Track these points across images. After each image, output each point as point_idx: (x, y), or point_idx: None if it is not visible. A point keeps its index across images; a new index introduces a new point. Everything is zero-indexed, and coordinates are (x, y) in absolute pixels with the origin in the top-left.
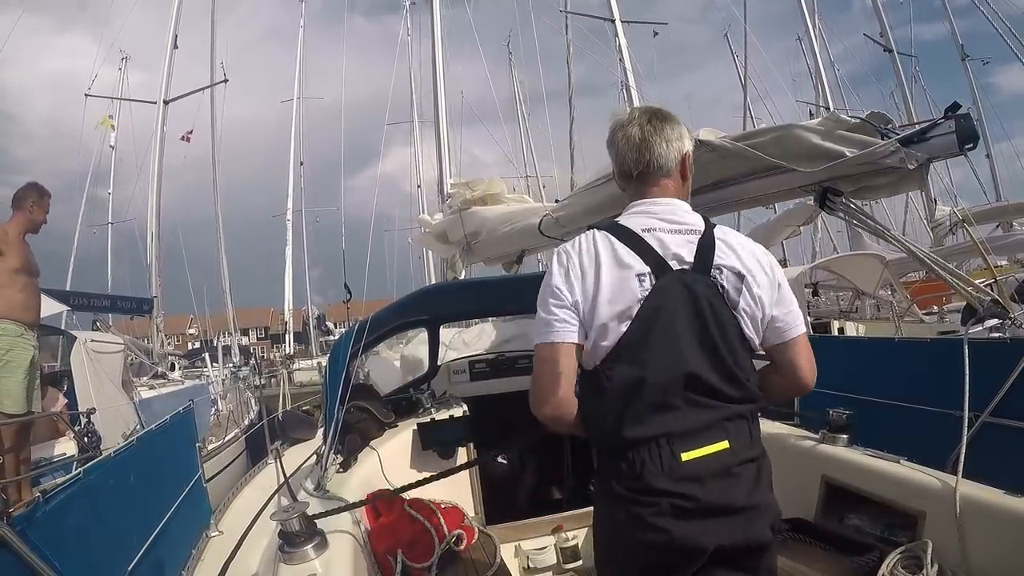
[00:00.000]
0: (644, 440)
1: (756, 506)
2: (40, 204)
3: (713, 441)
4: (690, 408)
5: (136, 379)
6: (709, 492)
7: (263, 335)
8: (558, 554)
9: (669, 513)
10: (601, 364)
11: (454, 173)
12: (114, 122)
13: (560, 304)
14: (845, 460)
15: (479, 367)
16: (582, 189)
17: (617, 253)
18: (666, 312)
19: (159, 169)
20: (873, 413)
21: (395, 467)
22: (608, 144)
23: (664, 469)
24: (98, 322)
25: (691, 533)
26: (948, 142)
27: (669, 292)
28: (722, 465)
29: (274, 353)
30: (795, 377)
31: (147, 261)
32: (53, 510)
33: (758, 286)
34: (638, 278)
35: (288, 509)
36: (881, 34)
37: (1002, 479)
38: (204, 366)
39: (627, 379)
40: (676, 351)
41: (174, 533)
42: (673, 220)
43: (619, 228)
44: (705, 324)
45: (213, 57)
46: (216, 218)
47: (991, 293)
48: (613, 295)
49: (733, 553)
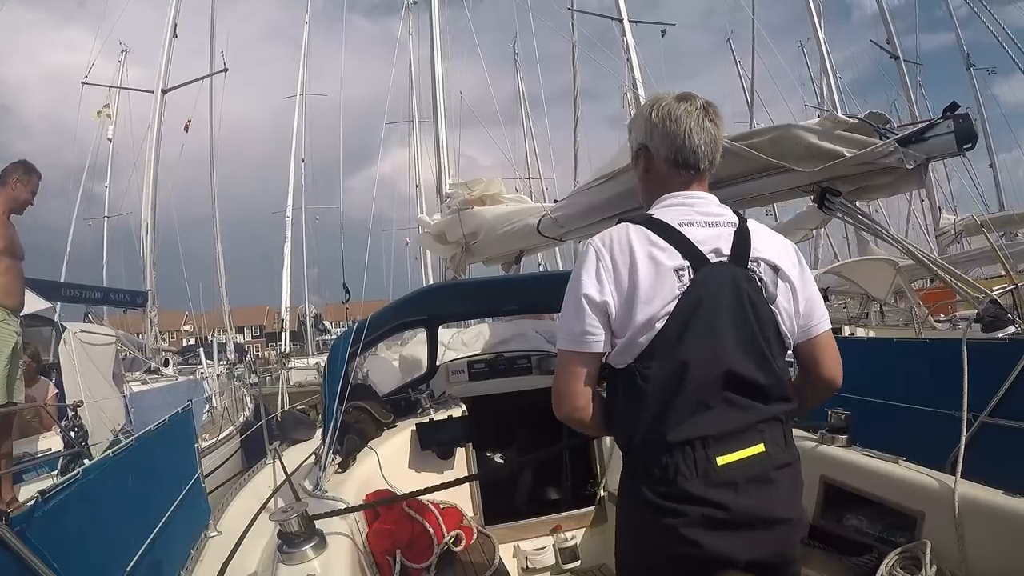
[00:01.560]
0: (680, 443)
1: (791, 520)
2: (25, 181)
3: (749, 445)
4: (727, 408)
5: (129, 374)
6: (744, 499)
7: (258, 333)
8: (557, 554)
9: (701, 524)
10: (635, 362)
11: (452, 174)
12: (110, 111)
13: (589, 309)
14: (844, 460)
15: (478, 367)
16: (581, 189)
17: (653, 247)
18: (705, 307)
19: (155, 159)
20: (872, 413)
21: (394, 467)
22: (655, 125)
23: (699, 473)
24: (90, 315)
25: (722, 546)
26: (946, 142)
27: (708, 285)
28: (758, 470)
29: (268, 351)
30: (823, 376)
31: (142, 254)
32: (52, 510)
33: (792, 278)
34: (676, 273)
35: (287, 509)
36: (888, 41)
37: (1001, 480)
38: (198, 363)
39: (664, 377)
40: (716, 347)
41: (173, 533)
42: (709, 213)
43: (654, 221)
44: (746, 319)
45: (213, 45)
46: (213, 209)
47: (990, 294)
48: (650, 291)
49: (762, 568)
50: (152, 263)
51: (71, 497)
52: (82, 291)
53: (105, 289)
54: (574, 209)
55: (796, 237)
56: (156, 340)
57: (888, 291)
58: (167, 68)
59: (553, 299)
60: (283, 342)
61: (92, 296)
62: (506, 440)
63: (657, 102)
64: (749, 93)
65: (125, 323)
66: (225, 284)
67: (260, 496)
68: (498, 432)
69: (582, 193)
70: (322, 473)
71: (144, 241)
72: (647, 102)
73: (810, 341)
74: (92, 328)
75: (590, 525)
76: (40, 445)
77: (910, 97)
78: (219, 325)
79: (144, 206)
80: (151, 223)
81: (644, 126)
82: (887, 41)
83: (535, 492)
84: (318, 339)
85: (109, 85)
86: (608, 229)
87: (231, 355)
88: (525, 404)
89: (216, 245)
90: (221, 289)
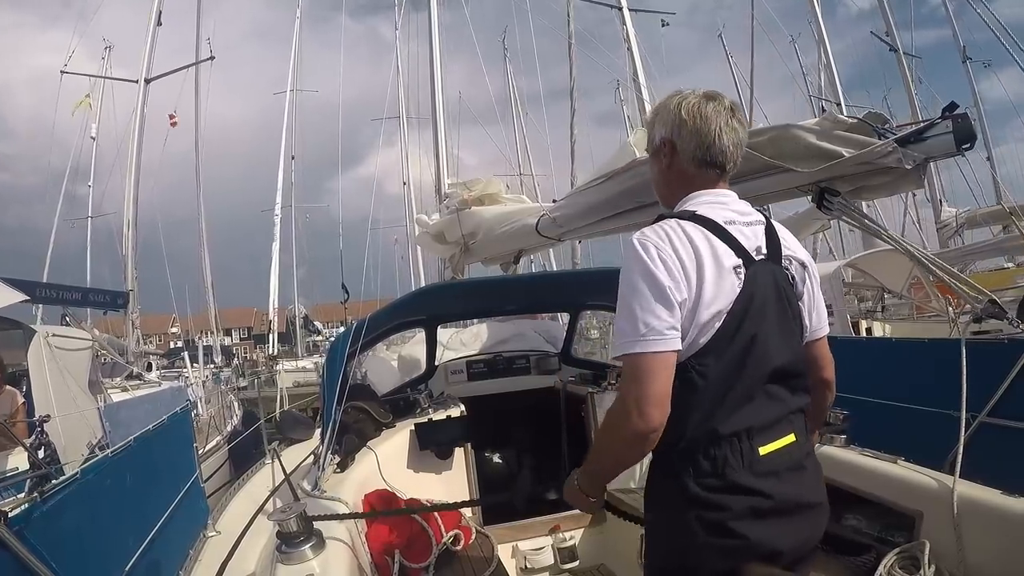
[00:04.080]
0: (730, 435)
1: (821, 504)
2: None
3: (784, 435)
4: (767, 400)
5: (109, 380)
6: (784, 487)
7: (246, 335)
8: (555, 554)
9: (747, 516)
10: (692, 358)
11: (450, 174)
12: (91, 101)
13: (668, 305)
14: (843, 460)
15: (476, 367)
16: (580, 189)
17: (714, 247)
18: (756, 304)
19: (138, 151)
20: (871, 413)
21: (392, 467)
22: (684, 122)
23: (745, 464)
24: (68, 317)
25: (766, 536)
26: (945, 142)
27: (758, 283)
28: (793, 459)
29: (257, 353)
30: (819, 375)
31: (123, 251)
32: (50, 510)
33: (813, 277)
34: (735, 271)
35: (286, 509)
36: (887, 33)
37: (1000, 479)
38: (184, 366)
39: (721, 373)
40: (766, 343)
41: (172, 533)
42: (742, 212)
43: (707, 220)
44: (786, 314)
45: (199, 32)
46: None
47: (989, 293)
48: (715, 289)
49: (797, 554)
50: (134, 261)
51: (70, 497)
52: (59, 291)
53: (84, 289)
54: (573, 209)
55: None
56: (139, 343)
57: (905, 284)
58: (151, 56)
59: (552, 299)
60: (271, 344)
61: (70, 297)
62: (505, 440)
63: (684, 99)
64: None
65: (113, 326)
66: (212, 285)
67: (259, 496)
68: (497, 432)
69: (581, 193)
70: (321, 473)
71: (126, 237)
72: (673, 98)
73: (816, 342)
74: (65, 331)
75: (588, 525)
76: (9, 463)
77: (909, 90)
78: (206, 327)
79: (126, 201)
80: (132, 219)
81: (672, 121)
82: (885, 33)
83: (534, 492)
84: (308, 340)
85: (90, 75)
86: (657, 224)
87: (218, 358)
88: (524, 404)
89: (202, 244)
90: (208, 290)
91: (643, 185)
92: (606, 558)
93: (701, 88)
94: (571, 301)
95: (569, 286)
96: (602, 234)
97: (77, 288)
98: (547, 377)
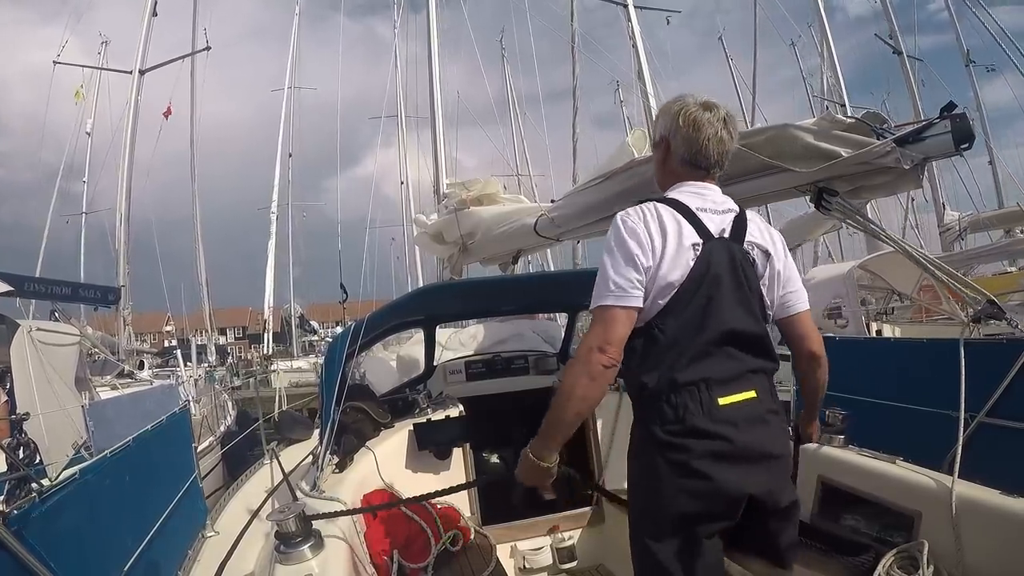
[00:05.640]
0: (687, 384)
1: (784, 456)
2: None
3: (743, 389)
4: (725, 359)
5: (98, 378)
6: (744, 436)
7: (241, 335)
8: (554, 554)
9: (709, 456)
10: (654, 319)
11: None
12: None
13: (636, 267)
14: (841, 460)
15: (475, 368)
16: (578, 189)
17: (681, 226)
18: (711, 274)
19: (131, 143)
20: (869, 413)
21: (391, 467)
22: (679, 128)
23: (704, 411)
24: (57, 313)
25: (731, 478)
26: (944, 142)
27: (715, 256)
28: (753, 412)
29: (251, 353)
30: (805, 347)
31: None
32: (49, 510)
33: (778, 263)
34: (693, 248)
35: (284, 509)
36: (891, 35)
37: (998, 479)
38: (177, 365)
39: (678, 330)
40: (720, 307)
41: (170, 533)
42: (717, 202)
43: (679, 204)
44: (740, 285)
45: (195, 22)
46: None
47: (987, 294)
48: (674, 261)
49: (766, 504)
50: (126, 256)
51: (68, 497)
52: (48, 286)
53: (74, 284)
54: (571, 209)
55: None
56: (130, 340)
57: (915, 286)
58: (146, 46)
59: (551, 299)
60: (266, 343)
61: (59, 292)
62: (503, 440)
63: (684, 106)
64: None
65: (106, 324)
66: (207, 283)
67: (257, 496)
68: (495, 432)
69: (579, 193)
70: (319, 473)
71: (118, 231)
72: (675, 102)
73: (791, 317)
74: (52, 326)
75: (587, 525)
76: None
77: (913, 92)
78: (201, 326)
79: (119, 195)
80: (125, 213)
81: (670, 123)
82: (889, 36)
83: (532, 492)
84: (304, 340)
85: (83, 65)
86: (638, 205)
87: (212, 357)
88: (522, 404)
89: (196, 241)
90: (202, 288)
91: (641, 185)
92: (605, 558)
93: (703, 96)
94: (570, 301)
95: (567, 286)
96: (600, 234)
97: (67, 283)
98: (546, 377)
